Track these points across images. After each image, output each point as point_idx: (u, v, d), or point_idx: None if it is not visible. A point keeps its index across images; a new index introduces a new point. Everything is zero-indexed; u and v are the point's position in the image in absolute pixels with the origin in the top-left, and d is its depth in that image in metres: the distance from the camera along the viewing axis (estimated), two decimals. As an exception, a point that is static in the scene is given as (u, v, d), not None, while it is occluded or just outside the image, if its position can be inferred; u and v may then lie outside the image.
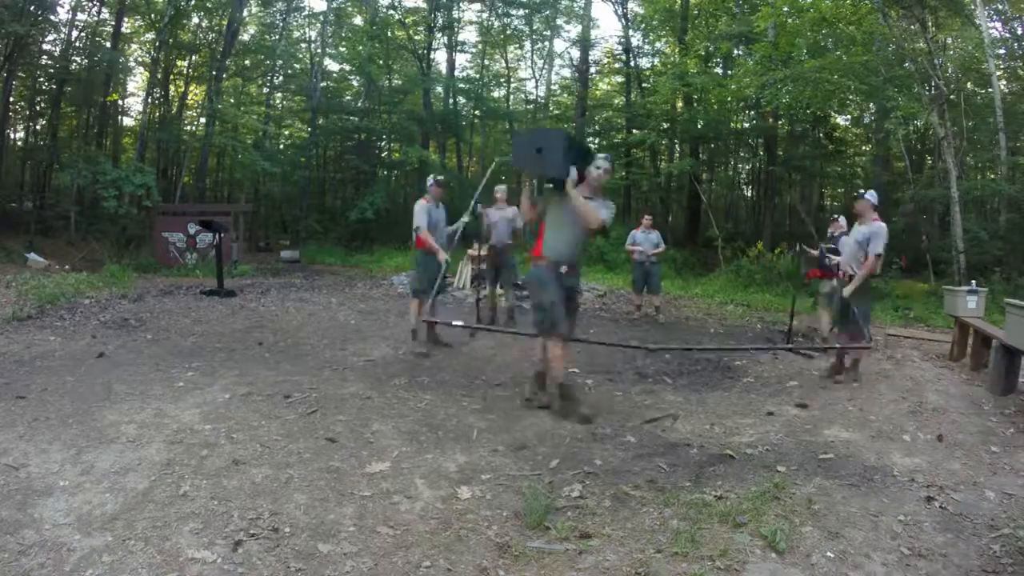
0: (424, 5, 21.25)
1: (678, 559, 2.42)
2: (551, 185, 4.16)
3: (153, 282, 10.43)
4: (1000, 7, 12.92)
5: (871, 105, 16.18)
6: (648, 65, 21.57)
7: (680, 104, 18.10)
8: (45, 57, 16.96)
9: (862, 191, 5.45)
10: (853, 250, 5.26)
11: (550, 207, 4.14)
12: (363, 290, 10.25)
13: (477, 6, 21.90)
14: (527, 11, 21.48)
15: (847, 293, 5.05)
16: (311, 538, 2.51)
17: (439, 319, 5.98)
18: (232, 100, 18.28)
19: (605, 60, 23.22)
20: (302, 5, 21.46)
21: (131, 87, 21.10)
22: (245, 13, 18.74)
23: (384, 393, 4.57)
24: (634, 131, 18.63)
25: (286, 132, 23.71)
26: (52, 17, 15.66)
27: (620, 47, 21.40)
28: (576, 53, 22.63)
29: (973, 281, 7.03)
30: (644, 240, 8.45)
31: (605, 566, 2.38)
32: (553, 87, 24.47)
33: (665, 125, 18.49)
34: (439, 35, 21.75)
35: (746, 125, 19.75)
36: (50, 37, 16.69)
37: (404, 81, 21.59)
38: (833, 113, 17.08)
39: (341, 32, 21.24)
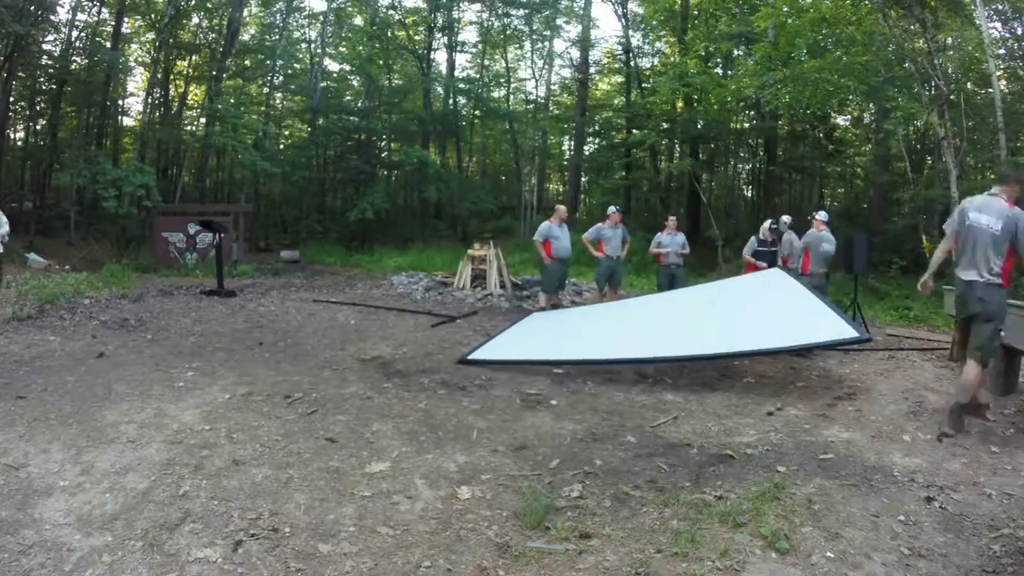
0: (424, 5, 21.25)
1: (678, 559, 2.42)
2: None
3: (153, 282, 10.43)
4: (1000, 7, 12.91)
5: (871, 105, 16.14)
6: (648, 65, 21.58)
7: (680, 104, 18.07)
8: (45, 57, 16.94)
9: (814, 213, 7.42)
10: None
11: None
12: (363, 290, 10.25)
13: (477, 6, 21.92)
14: (527, 11, 21.46)
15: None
16: (311, 538, 2.51)
17: None
18: (232, 100, 18.25)
19: (605, 60, 23.23)
20: (302, 5, 21.47)
21: (131, 87, 21.12)
22: (245, 13, 18.73)
23: (384, 393, 4.57)
24: (634, 131, 18.62)
25: (286, 132, 23.69)
26: (52, 17, 15.66)
27: (620, 47, 21.39)
28: (576, 53, 22.65)
29: (973, 281, 7.01)
30: (671, 242, 8.10)
31: (605, 566, 2.38)
32: (553, 87, 24.46)
33: (665, 125, 18.47)
34: (439, 35, 21.75)
35: (746, 125, 19.72)
36: (50, 37, 16.69)
37: (404, 81, 21.57)
38: (833, 113, 17.04)
39: (341, 32, 21.21)
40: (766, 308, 5.67)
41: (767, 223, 7.81)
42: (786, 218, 8.16)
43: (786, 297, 5.76)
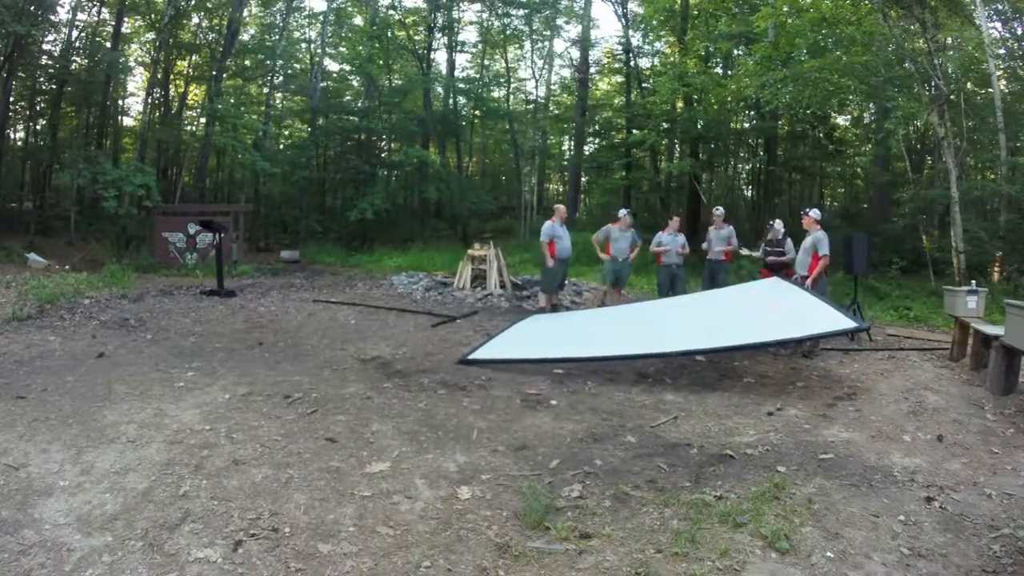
0: (424, 5, 21.23)
1: (678, 559, 2.42)
2: None
3: (153, 282, 10.42)
4: (1000, 7, 12.91)
5: (871, 105, 16.15)
6: (648, 65, 21.58)
7: (680, 104, 18.07)
8: (45, 57, 16.93)
9: (806, 208, 6.86)
10: (801, 257, 6.54)
11: None
12: (363, 290, 10.25)
13: (477, 6, 21.90)
14: (527, 11, 21.45)
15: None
16: (311, 538, 2.51)
17: None
18: (232, 100, 18.27)
19: (605, 60, 23.23)
20: (302, 5, 21.46)
21: (131, 87, 21.11)
22: (245, 13, 18.72)
23: (384, 393, 4.57)
24: (634, 131, 18.60)
25: (286, 132, 23.68)
26: (52, 17, 15.66)
27: (620, 47, 21.39)
28: (576, 53, 22.65)
29: (973, 281, 7.02)
30: (671, 242, 8.06)
31: (605, 566, 2.38)
32: (553, 87, 24.46)
33: (665, 125, 18.45)
34: (439, 35, 21.73)
35: (746, 125, 19.72)
36: (50, 37, 16.69)
37: (404, 81, 21.57)
38: (833, 113, 17.04)
39: (341, 32, 21.21)
40: (766, 306, 5.78)
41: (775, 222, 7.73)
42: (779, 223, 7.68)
43: (785, 297, 5.88)
